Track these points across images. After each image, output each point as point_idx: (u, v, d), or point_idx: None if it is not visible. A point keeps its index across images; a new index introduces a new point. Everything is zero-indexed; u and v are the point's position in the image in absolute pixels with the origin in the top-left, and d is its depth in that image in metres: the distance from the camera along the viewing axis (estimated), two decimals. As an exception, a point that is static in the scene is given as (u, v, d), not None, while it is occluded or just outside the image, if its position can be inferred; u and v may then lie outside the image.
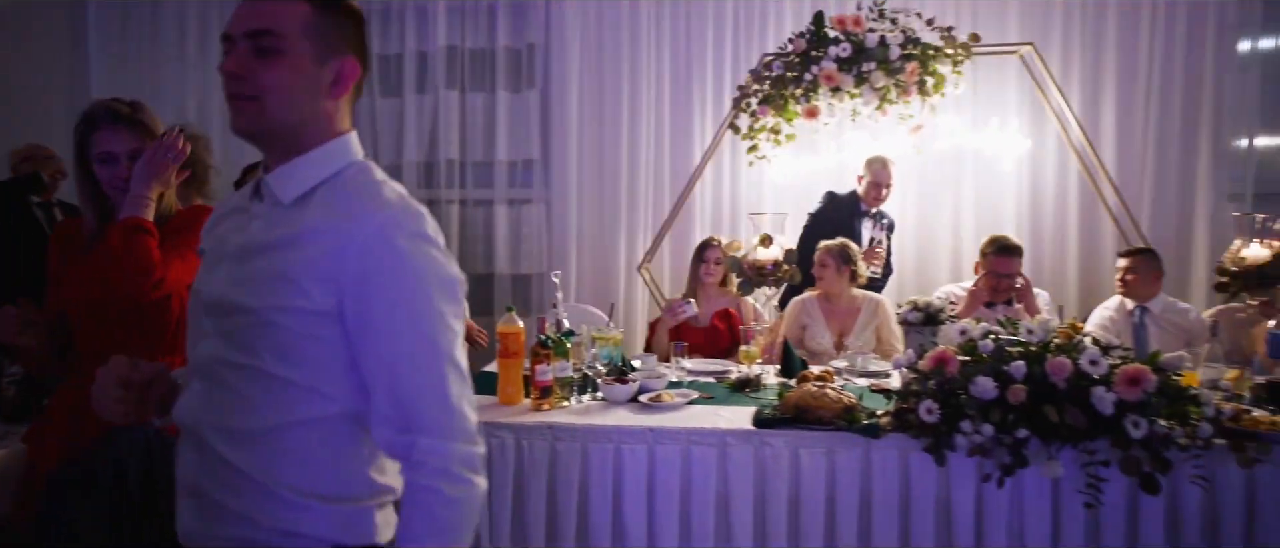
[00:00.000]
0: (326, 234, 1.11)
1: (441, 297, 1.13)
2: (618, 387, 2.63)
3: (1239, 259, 2.53)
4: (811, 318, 3.46)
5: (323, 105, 1.16)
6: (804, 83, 3.72)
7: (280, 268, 1.11)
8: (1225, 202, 4.14)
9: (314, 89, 1.15)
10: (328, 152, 1.18)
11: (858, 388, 2.80)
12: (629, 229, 4.61)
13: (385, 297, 1.10)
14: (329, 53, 1.14)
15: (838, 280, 3.40)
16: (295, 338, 1.11)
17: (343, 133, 1.20)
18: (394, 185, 1.19)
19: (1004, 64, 4.12)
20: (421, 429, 1.10)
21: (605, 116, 4.59)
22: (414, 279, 1.11)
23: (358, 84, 1.21)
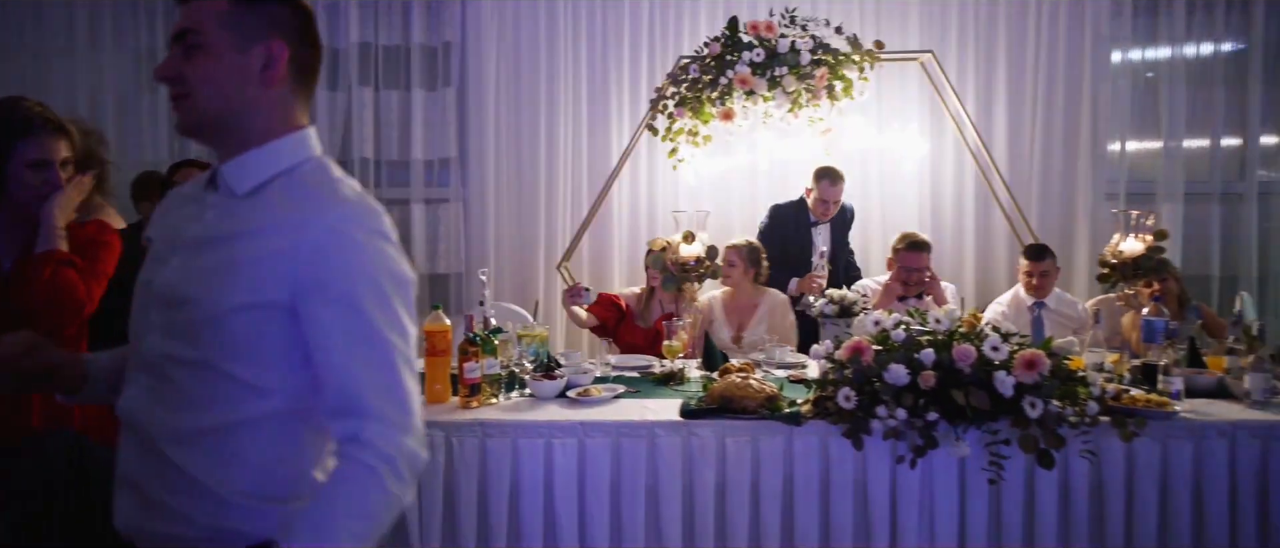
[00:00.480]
0: (281, 229, 1.11)
1: (396, 294, 1.14)
2: (546, 383, 2.66)
3: (1118, 253, 2.77)
4: (716, 315, 3.62)
5: (259, 93, 1.17)
6: (719, 86, 3.83)
7: (234, 261, 1.11)
8: (1103, 200, 4.48)
9: (242, 77, 1.15)
10: (283, 144, 1.18)
11: (778, 379, 2.92)
12: (548, 228, 4.63)
13: (339, 292, 1.10)
14: (249, 39, 1.15)
15: (743, 279, 3.56)
16: (245, 333, 1.11)
17: (299, 127, 1.21)
18: (351, 183, 1.20)
19: (906, 70, 4.34)
20: (375, 416, 1.09)
21: (523, 115, 4.60)
22: (369, 275, 1.12)
23: (305, 70, 1.21)
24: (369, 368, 1.10)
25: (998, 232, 4.46)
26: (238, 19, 1.15)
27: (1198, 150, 4.56)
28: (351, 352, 1.10)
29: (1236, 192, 4.55)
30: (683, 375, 2.92)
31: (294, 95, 1.21)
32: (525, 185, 4.63)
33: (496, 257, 4.65)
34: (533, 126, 4.60)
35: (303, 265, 1.09)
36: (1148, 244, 2.71)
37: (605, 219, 4.56)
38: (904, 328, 2.44)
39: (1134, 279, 2.76)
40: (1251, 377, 2.58)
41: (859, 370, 2.37)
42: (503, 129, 4.61)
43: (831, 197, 3.92)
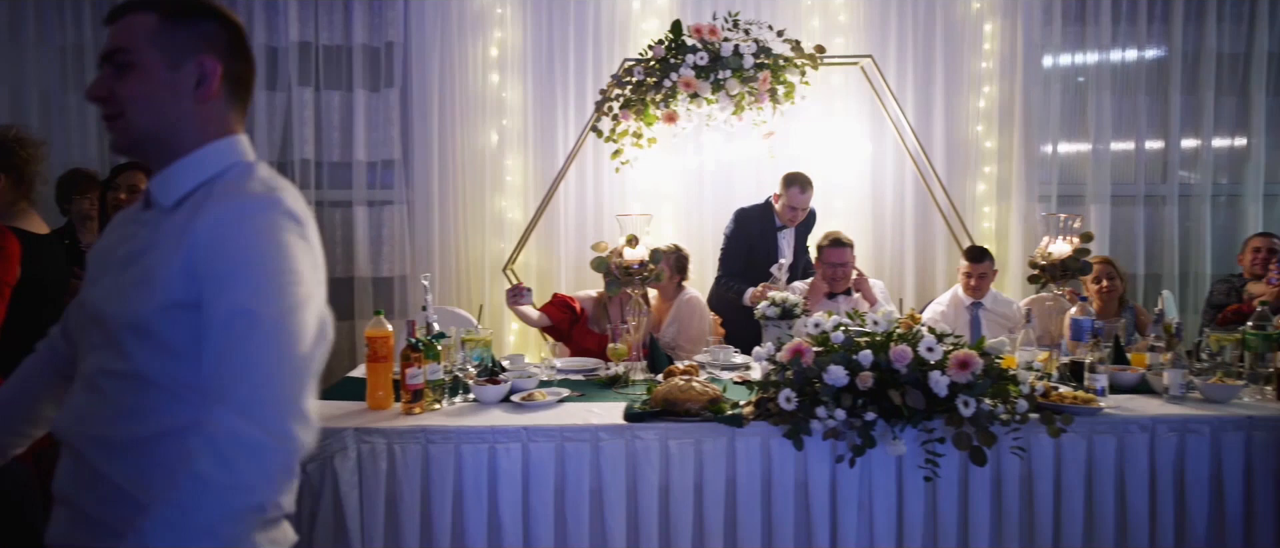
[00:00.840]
0: (185, 232, 1.10)
1: (286, 276, 1.08)
2: (489, 388, 2.65)
3: (1047, 254, 2.87)
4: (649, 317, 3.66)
5: (192, 109, 1.17)
6: (663, 88, 3.86)
7: (148, 271, 1.10)
8: (1035, 202, 4.62)
9: (175, 94, 1.15)
10: (206, 153, 1.17)
11: (722, 381, 2.95)
12: (493, 230, 4.60)
13: (220, 280, 1.06)
14: (182, 56, 1.15)
15: (669, 284, 3.61)
16: (164, 339, 1.10)
17: (226, 135, 1.19)
18: (270, 182, 1.17)
19: (847, 74, 4.42)
20: (223, 399, 1.02)
21: (468, 117, 4.56)
22: (251, 262, 1.07)
23: (239, 84, 1.22)
24: (236, 345, 1.04)
25: (937, 234, 4.58)
26: (168, 36, 1.15)
27: (1123, 153, 4.73)
28: (227, 328, 1.04)
29: (1159, 194, 4.74)
30: (628, 378, 2.93)
31: (228, 108, 1.21)
32: (469, 186, 4.60)
33: (441, 260, 4.61)
34: (476, 128, 4.56)
35: (198, 261, 1.08)
36: (1074, 246, 2.81)
37: (552, 222, 4.56)
38: (843, 330, 2.49)
39: (1062, 280, 2.86)
40: (1170, 373, 2.69)
41: (799, 372, 2.41)
42: (446, 130, 4.56)
43: (801, 204, 3.92)
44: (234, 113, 1.22)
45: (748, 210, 4.02)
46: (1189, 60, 4.65)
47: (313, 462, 2.37)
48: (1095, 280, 3.53)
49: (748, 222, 3.98)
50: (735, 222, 4.00)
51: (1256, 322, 2.71)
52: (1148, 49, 4.65)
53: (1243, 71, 4.68)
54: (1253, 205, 4.71)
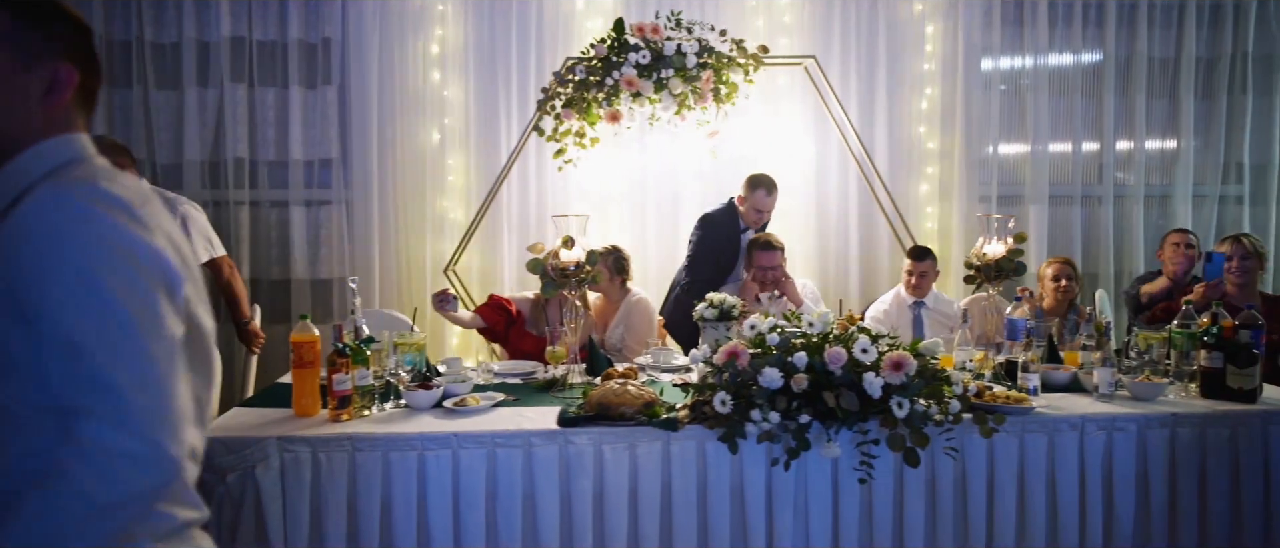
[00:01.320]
0: (6, 234, 1.01)
1: (120, 268, 1.00)
2: (421, 393, 2.58)
3: (982, 255, 2.90)
4: (590, 318, 3.63)
5: (37, 113, 1.11)
6: (606, 87, 3.82)
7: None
8: (977, 203, 4.68)
9: (22, 96, 1.09)
10: (35, 153, 1.10)
11: (662, 384, 2.92)
12: (434, 230, 4.51)
13: (44, 275, 0.98)
14: (35, 60, 1.10)
15: (609, 285, 3.58)
16: (10, 357, 1.02)
17: (60, 133, 1.12)
18: (96, 172, 1.09)
19: (791, 76, 4.43)
20: (86, 412, 0.96)
21: (409, 115, 4.47)
22: (75, 251, 0.99)
23: (90, 94, 1.16)
24: (78, 354, 0.97)
25: (881, 235, 4.61)
26: (20, 36, 1.08)
27: (1061, 155, 4.82)
28: (59, 337, 0.98)
29: (1095, 194, 4.84)
30: (565, 382, 2.89)
31: (75, 114, 1.15)
32: (410, 186, 4.50)
33: (381, 261, 4.51)
34: (417, 126, 4.47)
35: (11, 261, 1.00)
36: (1009, 247, 2.85)
37: (495, 223, 4.49)
38: (778, 332, 2.48)
39: (997, 280, 2.89)
40: (1099, 372, 2.73)
41: (735, 375, 2.39)
42: (386, 128, 4.46)
43: (767, 206, 3.88)
44: (78, 116, 1.15)
45: (714, 216, 3.92)
46: (1122, 64, 4.76)
47: (233, 473, 2.28)
48: (1054, 279, 3.60)
49: (715, 227, 3.88)
50: (702, 228, 3.89)
51: (1181, 321, 2.76)
52: (1083, 53, 4.74)
53: (1172, 75, 4.79)
54: (1182, 206, 4.84)
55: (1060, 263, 3.64)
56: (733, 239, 3.93)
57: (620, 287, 3.62)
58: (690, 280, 3.79)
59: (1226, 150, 4.82)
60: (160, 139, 4.39)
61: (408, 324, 3.63)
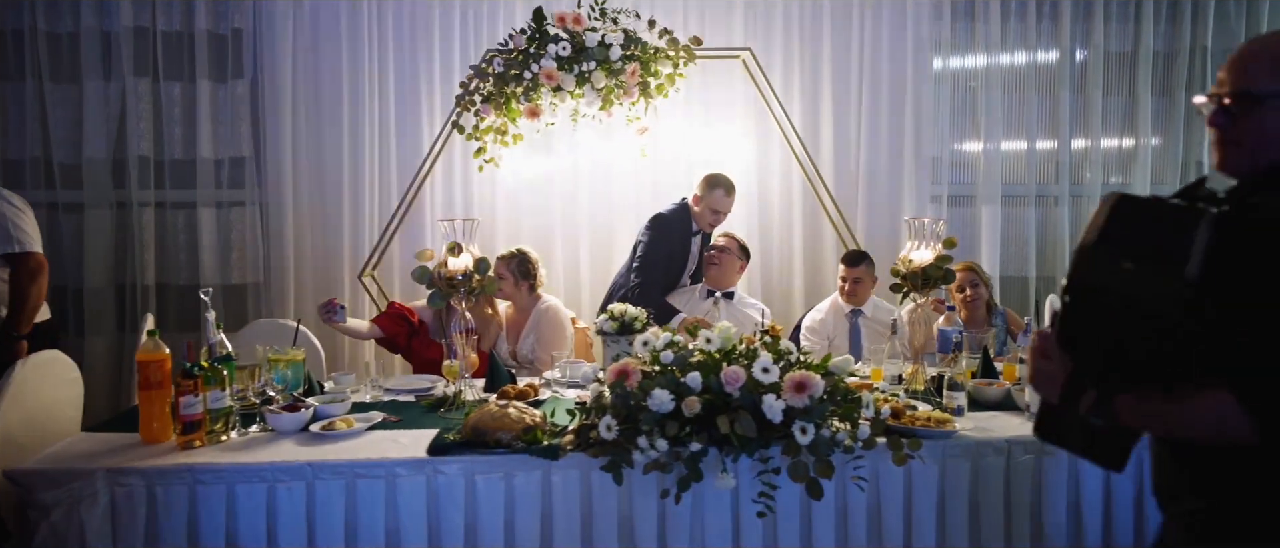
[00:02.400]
0: None
1: None
2: (285, 416, 2.33)
3: (908, 262, 2.68)
4: (501, 329, 3.41)
5: None
6: (525, 81, 3.58)
7: None
8: (927, 204, 4.47)
9: None
10: None
11: (563, 401, 2.69)
12: (353, 234, 4.25)
13: None
14: None
15: (516, 292, 3.36)
16: None
17: None
18: None
19: (729, 69, 4.20)
20: None
21: (324, 111, 4.21)
22: None
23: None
24: None
25: (826, 239, 4.39)
26: None
27: (1015, 153, 4.62)
28: None
29: (1051, 194, 4.64)
30: (458, 400, 2.65)
31: None
32: (328, 187, 4.24)
33: (297, 265, 4.25)
34: (335, 123, 4.21)
35: None
36: (937, 253, 2.63)
37: (418, 225, 4.24)
38: (674, 348, 2.25)
39: (924, 289, 2.67)
40: (1031, 388, 2.51)
41: (622, 396, 2.16)
42: (301, 125, 4.20)
43: (726, 208, 3.66)
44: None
45: (668, 217, 3.66)
46: (1078, 59, 4.56)
47: (58, 509, 2.04)
48: (959, 289, 3.37)
49: (667, 229, 3.63)
50: (655, 230, 3.62)
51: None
52: (1037, 48, 4.54)
53: (1130, 70, 4.60)
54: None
55: (961, 270, 3.40)
56: (685, 242, 3.71)
57: (529, 293, 3.40)
58: (640, 283, 3.56)
59: (1185, 149, 4.63)
60: (57, 137, 4.11)
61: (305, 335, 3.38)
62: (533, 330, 3.35)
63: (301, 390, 2.60)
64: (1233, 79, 1.26)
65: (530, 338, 3.34)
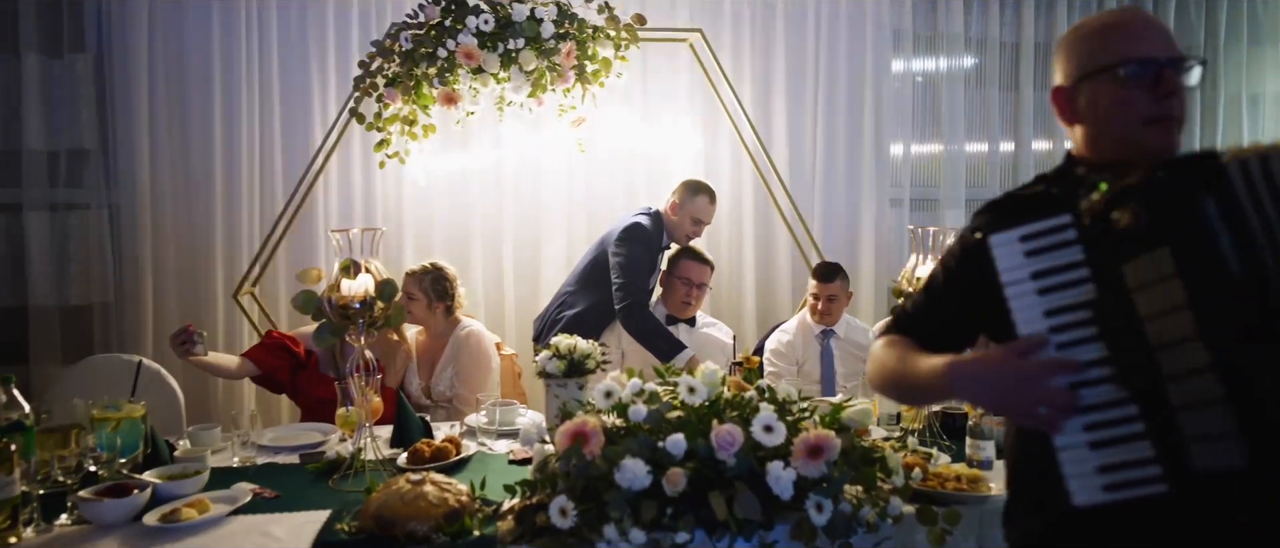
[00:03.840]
0: None
1: None
2: (108, 503, 1.69)
3: (914, 279, 2.24)
4: (411, 359, 2.81)
5: None
6: (439, 60, 2.98)
7: None
8: (887, 207, 4.08)
9: None
10: None
11: (499, 459, 2.13)
12: (228, 244, 3.54)
13: None
14: None
15: (429, 315, 2.77)
16: None
17: None
18: None
19: (675, 55, 3.70)
20: None
21: (191, 94, 3.49)
22: None
23: None
24: None
25: (780, 243, 3.94)
26: None
27: (977, 155, 4.28)
28: None
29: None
30: (356, 463, 2.04)
31: None
32: (196, 187, 3.52)
33: (156, 283, 3.51)
34: (205, 109, 3.49)
35: None
36: (947, 268, 2.19)
37: (309, 233, 3.56)
38: (645, 399, 1.71)
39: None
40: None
41: (581, 468, 1.61)
42: (161, 111, 3.47)
43: (710, 217, 3.23)
44: None
45: (646, 227, 3.13)
46: (1042, 53, 4.25)
47: None
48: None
49: (650, 240, 3.12)
50: (635, 241, 3.09)
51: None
52: (1001, 38, 4.21)
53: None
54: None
55: None
56: (655, 255, 3.20)
57: (445, 317, 2.80)
58: (630, 303, 2.99)
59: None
60: None
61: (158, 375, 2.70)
62: (451, 362, 2.76)
63: (138, 458, 1.94)
64: None
65: (447, 372, 2.75)
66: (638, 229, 3.12)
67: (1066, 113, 1.30)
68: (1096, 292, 1.15)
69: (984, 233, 1.24)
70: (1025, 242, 1.20)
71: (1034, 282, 1.19)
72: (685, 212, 3.17)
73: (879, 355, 1.41)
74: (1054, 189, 1.26)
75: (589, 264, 3.19)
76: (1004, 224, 1.22)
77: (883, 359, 1.39)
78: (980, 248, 1.24)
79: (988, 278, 1.22)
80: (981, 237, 1.25)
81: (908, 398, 1.68)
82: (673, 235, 3.22)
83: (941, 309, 1.38)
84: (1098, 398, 1.14)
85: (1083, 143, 1.29)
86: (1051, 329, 1.17)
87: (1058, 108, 1.31)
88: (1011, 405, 1.15)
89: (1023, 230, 1.20)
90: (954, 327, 1.37)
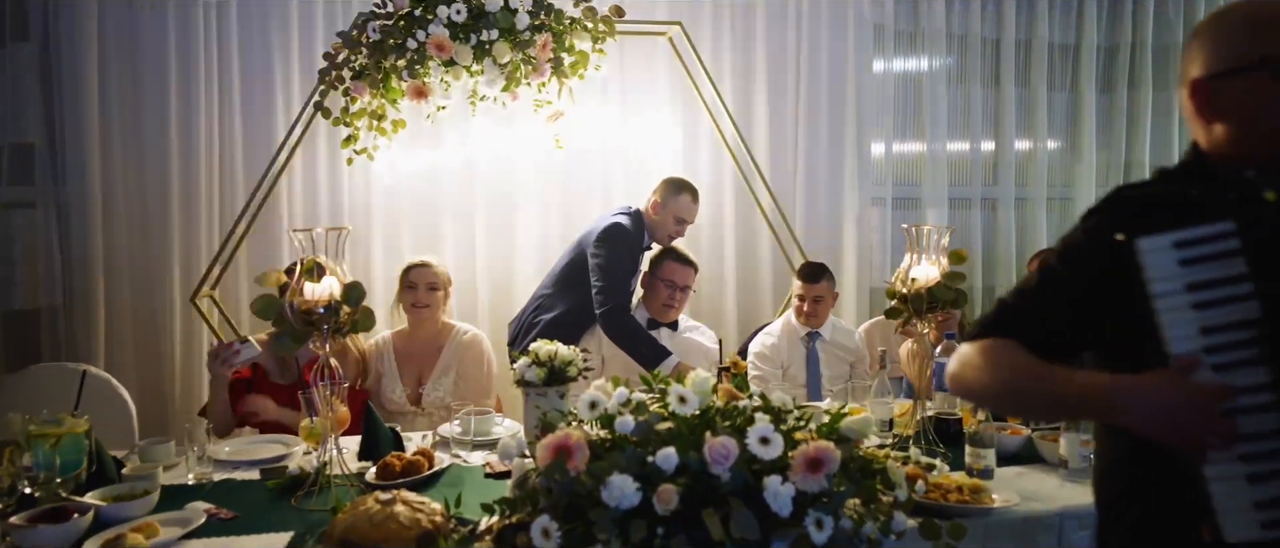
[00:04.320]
0: None
1: None
2: (43, 530, 1.54)
3: (910, 281, 2.14)
4: (385, 365, 2.68)
5: None
6: (409, 52, 2.85)
7: None
8: (869, 205, 4.01)
9: None
10: None
11: (475, 471, 2.00)
12: (185, 244, 3.37)
13: None
14: None
15: (436, 316, 2.65)
16: None
17: None
18: None
19: (653, 49, 3.59)
20: None
21: (145, 85, 3.31)
22: None
23: None
24: None
25: (762, 242, 3.84)
26: None
27: (958, 153, 4.22)
28: None
29: (991, 197, 4.28)
30: (321, 478, 1.90)
31: None
32: (150, 184, 3.35)
33: (109, 285, 3.33)
34: (160, 100, 3.32)
35: None
36: (945, 271, 2.11)
37: (272, 233, 3.40)
38: (632, 409, 1.60)
39: (930, 314, 2.15)
40: (1066, 438, 2.03)
41: (564, 485, 1.49)
42: (113, 103, 3.29)
43: (693, 216, 3.14)
44: None
45: (627, 228, 3.02)
46: (1021, 49, 4.21)
47: None
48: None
49: (631, 241, 3.02)
50: (616, 241, 2.98)
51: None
52: (983, 35, 4.15)
53: (1073, 63, 4.30)
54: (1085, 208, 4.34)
55: None
56: (637, 256, 3.09)
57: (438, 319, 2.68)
58: (611, 307, 2.90)
59: (1128, 150, 4.37)
60: None
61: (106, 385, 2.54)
62: (450, 369, 2.65)
63: (80, 478, 1.79)
64: None
65: (446, 379, 2.63)
66: (618, 230, 3.00)
67: (1203, 108, 1.16)
68: (1261, 309, 1.05)
69: (1129, 234, 1.09)
70: (1180, 248, 1.08)
71: (1189, 294, 1.07)
72: (668, 211, 3.06)
73: (982, 362, 1.25)
74: (1193, 190, 1.13)
75: (566, 266, 3.07)
76: (1150, 226, 1.08)
77: (994, 365, 1.24)
78: (1122, 251, 1.09)
79: (1129, 285, 1.09)
80: (1126, 238, 1.09)
81: (1026, 411, 1.53)
82: (654, 236, 3.11)
83: (1062, 313, 1.22)
84: (1258, 427, 1.03)
85: (1224, 141, 1.15)
86: (1207, 348, 1.06)
87: (1195, 103, 1.17)
88: (1181, 432, 1.04)
89: (1177, 236, 1.07)
90: (1073, 334, 1.22)
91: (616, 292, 2.90)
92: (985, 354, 1.25)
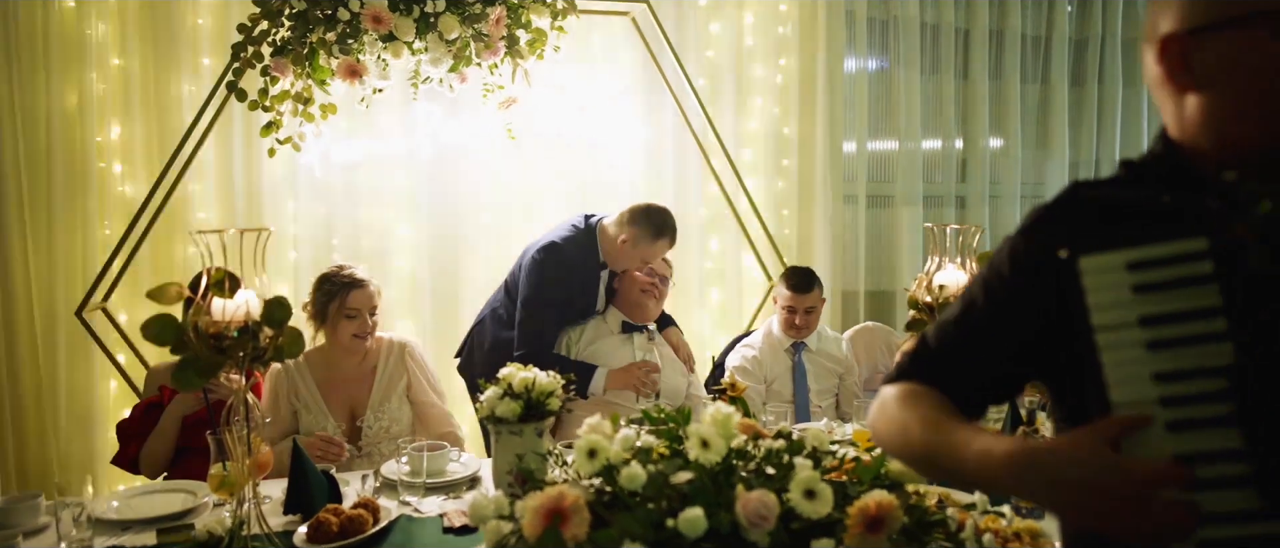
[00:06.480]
0: None
1: None
2: None
3: (937, 289, 1.87)
4: (301, 395, 2.21)
5: None
6: (339, 25, 2.46)
7: None
8: (842, 204, 3.76)
9: None
10: None
11: (427, 526, 1.65)
12: (83, 247, 2.89)
13: None
14: None
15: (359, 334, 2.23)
16: None
17: None
18: None
19: (614, 29, 3.27)
20: None
21: (20, 62, 2.81)
22: None
23: None
24: None
25: (731, 242, 3.55)
26: None
27: (932, 151, 4.02)
28: None
29: (965, 193, 4.09)
30: (238, 542, 1.52)
31: None
32: (32, 179, 2.86)
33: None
34: (36, 80, 2.83)
35: None
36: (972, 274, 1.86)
37: (179, 236, 2.95)
38: (642, 454, 1.28)
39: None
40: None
41: (562, 560, 1.16)
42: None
43: (654, 256, 2.64)
44: None
45: (565, 249, 2.57)
46: (995, 38, 4.03)
47: None
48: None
49: (570, 267, 2.58)
50: (553, 267, 2.55)
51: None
52: (957, 25, 3.96)
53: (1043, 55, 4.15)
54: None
55: None
56: (591, 280, 2.65)
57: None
58: (526, 354, 2.37)
59: (1098, 146, 4.24)
60: None
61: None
62: (397, 383, 2.24)
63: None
64: None
65: (393, 398, 2.23)
66: (553, 253, 2.53)
67: (1176, 72, 0.87)
68: (1237, 354, 0.79)
69: (1072, 251, 0.86)
70: (1135, 271, 0.83)
71: (1143, 330, 0.82)
72: (636, 251, 2.59)
73: (895, 413, 1.04)
74: (1165, 195, 0.86)
75: (519, 275, 2.68)
76: (1100, 241, 0.85)
77: (902, 421, 1.02)
78: (1060, 270, 0.87)
79: (1065, 310, 0.86)
80: (1068, 255, 0.86)
81: (936, 476, 1.28)
82: (610, 262, 2.65)
83: (984, 350, 1.00)
84: (1226, 505, 0.78)
85: (1200, 122, 0.87)
86: (1162, 400, 0.81)
87: (1165, 67, 0.88)
88: (1106, 518, 0.77)
89: (1133, 254, 0.83)
90: (999, 374, 1.00)
91: (534, 339, 2.48)
92: (901, 404, 1.04)
